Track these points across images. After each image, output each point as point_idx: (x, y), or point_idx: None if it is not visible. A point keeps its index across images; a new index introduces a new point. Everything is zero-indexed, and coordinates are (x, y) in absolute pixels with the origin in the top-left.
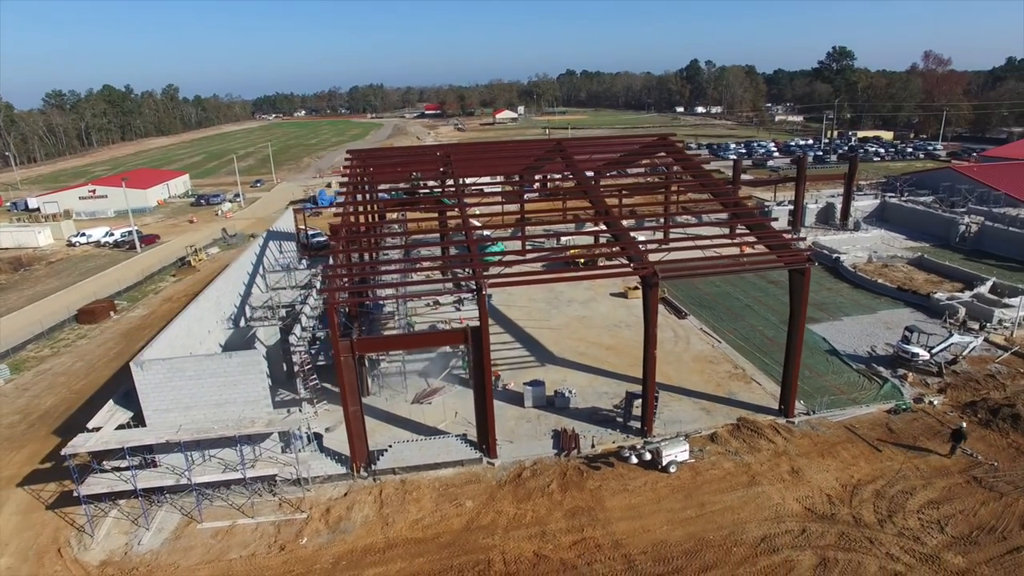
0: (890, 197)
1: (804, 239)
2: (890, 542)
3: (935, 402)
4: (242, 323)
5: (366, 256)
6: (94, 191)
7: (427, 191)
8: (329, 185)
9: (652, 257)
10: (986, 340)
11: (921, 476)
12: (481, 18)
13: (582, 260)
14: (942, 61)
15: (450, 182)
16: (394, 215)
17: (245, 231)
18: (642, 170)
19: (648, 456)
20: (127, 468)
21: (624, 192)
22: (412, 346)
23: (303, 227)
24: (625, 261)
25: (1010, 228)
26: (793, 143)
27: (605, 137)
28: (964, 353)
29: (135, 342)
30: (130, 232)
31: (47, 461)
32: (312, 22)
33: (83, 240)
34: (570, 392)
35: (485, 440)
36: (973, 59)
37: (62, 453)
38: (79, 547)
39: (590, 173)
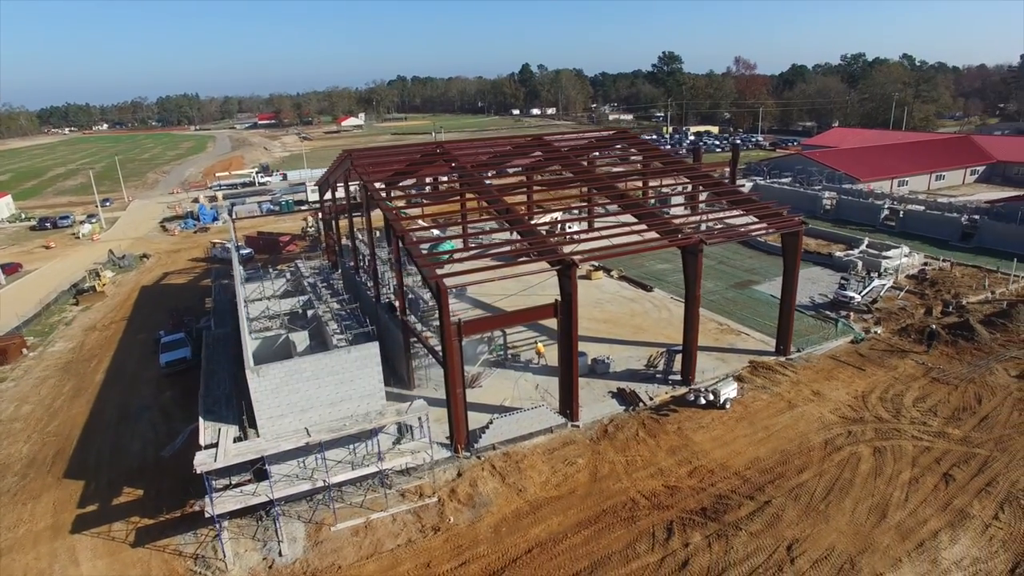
0: (759, 180)
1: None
2: (909, 429)
3: (879, 331)
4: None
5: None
6: None
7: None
8: (196, 200)
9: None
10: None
11: (901, 382)
12: (298, 22)
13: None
14: (750, 65)
15: (411, 181)
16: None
17: (131, 252)
18: (615, 159)
19: (711, 397)
20: (241, 484)
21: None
22: (509, 324)
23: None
24: (658, 236)
25: (860, 200)
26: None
27: (567, 132)
28: (881, 293)
29: (85, 377)
30: None
31: (89, 504)
32: (105, 23)
33: None
34: (608, 359)
35: (569, 405)
36: (769, 65)
37: (197, 472)
38: (212, 571)
39: (585, 162)
